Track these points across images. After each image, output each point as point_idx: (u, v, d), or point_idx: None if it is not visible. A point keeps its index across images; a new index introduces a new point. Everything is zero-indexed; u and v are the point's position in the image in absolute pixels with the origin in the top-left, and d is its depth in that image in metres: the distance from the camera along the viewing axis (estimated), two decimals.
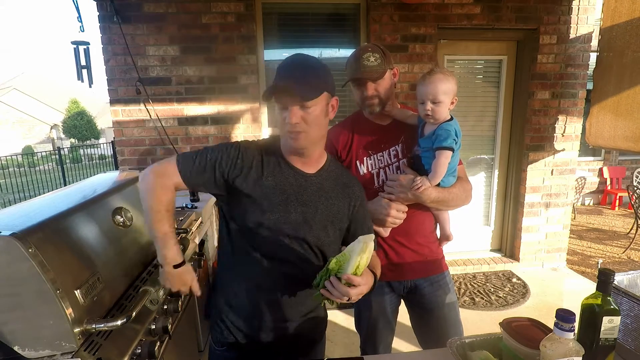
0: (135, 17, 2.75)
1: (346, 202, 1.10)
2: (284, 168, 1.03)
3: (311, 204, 1.03)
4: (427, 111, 1.25)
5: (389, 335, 1.52)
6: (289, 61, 0.98)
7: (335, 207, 1.07)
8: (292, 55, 0.99)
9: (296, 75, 0.95)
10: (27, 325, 0.93)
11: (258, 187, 0.99)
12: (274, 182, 1.01)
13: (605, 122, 2.84)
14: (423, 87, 1.26)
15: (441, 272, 1.45)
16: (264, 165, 1.01)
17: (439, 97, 1.23)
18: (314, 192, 1.04)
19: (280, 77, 0.96)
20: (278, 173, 1.02)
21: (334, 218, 1.07)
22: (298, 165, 1.04)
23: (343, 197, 1.09)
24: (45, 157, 11.99)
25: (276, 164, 1.03)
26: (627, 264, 3.89)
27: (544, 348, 0.74)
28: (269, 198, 0.99)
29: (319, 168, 1.07)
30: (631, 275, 1.05)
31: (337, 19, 3.12)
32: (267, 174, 1.01)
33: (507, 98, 3.48)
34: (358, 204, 1.12)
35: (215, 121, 2.96)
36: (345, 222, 1.11)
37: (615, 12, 2.71)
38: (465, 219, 3.64)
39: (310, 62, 0.98)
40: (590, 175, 6.52)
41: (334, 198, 1.07)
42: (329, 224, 1.06)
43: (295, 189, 1.02)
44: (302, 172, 1.04)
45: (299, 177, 1.03)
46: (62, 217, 1.10)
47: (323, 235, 1.05)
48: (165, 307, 1.36)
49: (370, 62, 1.28)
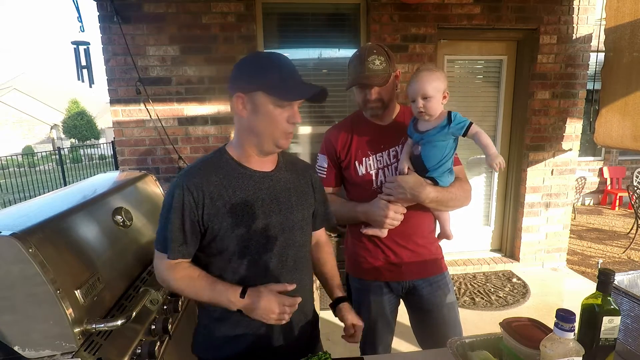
0: (135, 17, 2.75)
1: (309, 186, 1.12)
2: (247, 176, 0.98)
3: (285, 199, 1.02)
4: (419, 108, 1.24)
5: (388, 336, 1.52)
6: (287, 62, 0.97)
7: (304, 193, 1.08)
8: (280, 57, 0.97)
9: (301, 78, 0.97)
10: (27, 325, 0.93)
11: (230, 207, 0.94)
12: (243, 194, 0.96)
13: (613, 122, 2.85)
14: (412, 85, 1.26)
15: (440, 272, 1.44)
16: (225, 183, 0.95)
17: (429, 92, 1.22)
18: (283, 187, 1.03)
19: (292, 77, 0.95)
20: (243, 184, 0.97)
21: (306, 203, 1.08)
22: (257, 167, 1.01)
23: (305, 182, 1.11)
24: (45, 157, 11.98)
25: (237, 176, 0.97)
26: (627, 264, 3.89)
27: (544, 348, 0.74)
28: (246, 211, 0.95)
29: (276, 162, 1.06)
30: (631, 275, 1.05)
31: (337, 19, 3.12)
32: (233, 189, 0.96)
33: (507, 98, 3.48)
34: (317, 185, 1.15)
35: (215, 121, 2.96)
36: (313, 204, 1.13)
37: (618, 12, 2.72)
38: (466, 219, 3.64)
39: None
40: (590, 175, 6.52)
41: (300, 184, 1.08)
42: (306, 210, 1.08)
43: (265, 192, 0.99)
44: (265, 172, 1.02)
45: (265, 180, 1.01)
46: (62, 217, 1.11)
47: (304, 224, 1.07)
48: (165, 307, 1.36)
49: (376, 65, 1.26)
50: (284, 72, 0.94)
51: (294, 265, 1.04)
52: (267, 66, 0.94)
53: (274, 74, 0.93)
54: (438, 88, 1.23)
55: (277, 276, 1.00)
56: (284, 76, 0.93)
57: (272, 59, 0.96)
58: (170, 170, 2.99)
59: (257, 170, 1.01)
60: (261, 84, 0.92)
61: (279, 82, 0.92)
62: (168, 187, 0.97)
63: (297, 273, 1.04)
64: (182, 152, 2.96)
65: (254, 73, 0.94)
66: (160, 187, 1.81)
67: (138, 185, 1.64)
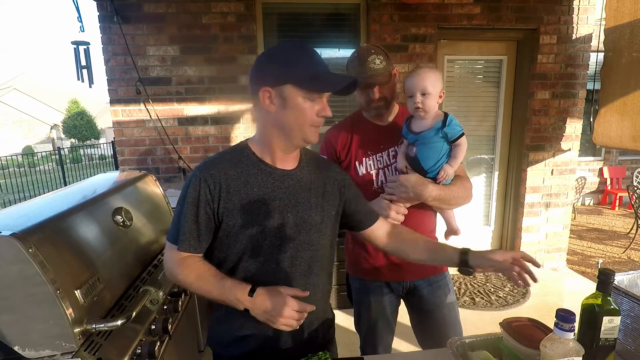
0: (135, 17, 2.75)
1: (334, 184, 1.06)
2: (267, 173, 0.96)
3: (304, 199, 0.98)
4: (417, 104, 1.25)
5: (389, 336, 1.52)
6: (315, 53, 0.94)
7: (327, 193, 1.03)
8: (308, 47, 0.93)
9: (329, 69, 0.93)
10: (27, 325, 0.93)
11: (247, 203, 0.92)
12: (261, 192, 0.94)
13: (612, 122, 2.85)
14: (411, 81, 1.26)
15: (440, 272, 1.44)
16: (244, 178, 0.93)
17: (428, 88, 1.24)
18: (303, 186, 0.99)
19: (321, 69, 0.91)
20: (263, 181, 0.94)
21: (328, 204, 1.03)
22: (279, 165, 0.98)
23: (329, 180, 1.05)
24: (45, 157, 11.98)
25: (257, 172, 0.95)
26: (627, 264, 3.89)
27: (544, 348, 0.74)
28: (263, 209, 0.93)
29: (298, 160, 1.03)
30: (631, 275, 1.05)
31: (337, 19, 3.11)
32: (252, 186, 0.93)
33: (507, 98, 3.48)
34: (345, 183, 1.09)
35: (215, 121, 2.96)
36: (340, 204, 1.07)
37: (618, 12, 2.72)
38: (466, 219, 3.64)
39: None
40: (590, 175, 6.52)
41: (322, 185, 1.03)
42: (326, 212, 1.02)
43: (284, 191, 0.96)
44: (286, 170, 0.98)
45: (285, 178, 0.97)
46: (62, 217, 1.11)
47: (323, 227, 1.02)
48: (165, 307, 1.36)
49: (377, 65, 1.27)
50: (314, 63, 0.90)
51: (309, 269, 1.00)
52: (296, 57, 0.90)
53: (303, 66, 0.89)
54: (436, 86, 1.25)
55: (288, 278, 0.97)
56: (314, 67, 0.90)
57: (301, 50, 0.92)
58: (170, 170, 2.99)
59: (277, 168, 0.98)
60: (290, 76, 0.88)
61: (309, 73, 0.89)
62: (187, 178, 0.96)
63: (311, 277, 1.00)
64: (182, 152, 2.96)
65: (283, 65, 0.90)
66: (160, 187, 1.81)
67: (138, 185, 1.64)
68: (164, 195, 1.81)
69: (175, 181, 3.00)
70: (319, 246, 1.01)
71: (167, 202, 1.82)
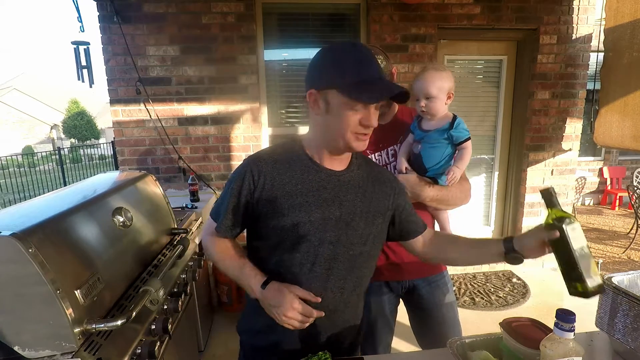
0: (135, 17, 2.74)
1: (384, 191, 1.03)
2: (314, 171, 0.95)
3: (349, 202, 0.96)
4: (422, 108, 1.26)
5: (388, 336, 1.52)
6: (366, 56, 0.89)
7: (375, 200, 1.01)
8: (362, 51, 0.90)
9: (381, 75, 0.90)
10: (27, 325, 0.93)
11: (288, 198, 0.92)
12: (305, 189, 0.93)
13: (613, 122, 2.85)
14: (417, 84, 1.26)
15: (439, 272, 1.44)
16: (290, 173, 0.94)
17: (433, 92, 1.23)
18: (350, 189, 0.97)
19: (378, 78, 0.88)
20: (308, 179, 0.94)
21: (375, 211, 1.00)
22: (327, 165, 0.97)
23: (379, 187, 1.03)
24: (45, 157, 11.98)
25: (304, 169, 0.95)
26: (627, 264, 3.89)
27: (544, 348, 0.74)
28: (304, 206, 0.92)
29: (349, 163, 1.01)
30: (631, 275, 1.05)
31: (337, 19, 3.11)
32: (297, 181, 0.93)
33: (507, 98, 3.48)
34: (397, 191, 1.07)
35: (215, 121, 2.96)
36: (388, 212, 1.04)
37: (618, 12, 2.72)
38: (466, 219, 3.64)
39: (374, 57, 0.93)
40: (590, 175, 6.52)
41: (370, 191, 1.01)
42: (371, 218, 0.99)
43: (330, 191, 0.95)
44: (333, 171, 0.97)
45: (332, 178, 0.96)
46: (62, 217, 1.11)
47: (367, 232, 0.99)
48: (165, 307, 1.36)
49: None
50: (362, 68, 0.87)
51: (345, 272, 0.98)
52: (344, 61, 0.88)
53: (349, 71, 0.87)
54: (442, 89, 1.24)
55: (323, 278, 0.95)
56: (361, 74, 0.87)
57: (351, 53, 0.89)
58: (170, 170, 2.99)
59: (325, 167, 0.97)
60: (335, 81, 0.87)
61: (354, 80, 0.86)
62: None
63: (347, 280, 0.98)
64: (182, 152, 2.96)
65: (329, 68, 0.89)
66: (160, 187, 1.81)
67: (138, 185, 1.64)
68: (164, 195, 1.81)
69: (175, 181, 3.00)
70: (360, 251, 0.99)
71: (167, 202, 1.82)
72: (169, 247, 1.67)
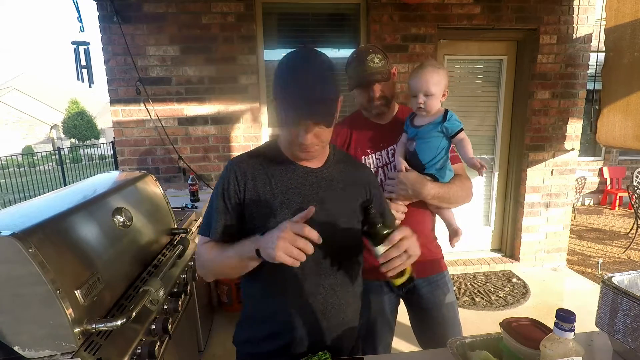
0: (135, 17, 2.75)
1: (360, 185, 1.05)
2: (291, 169, 0.97)
3: (328, 198, 0.97)
4: (420, 104, 1.27)
5: (388, 335, 1.52)
6: (302, 70, 0.86)
7: (353, 194, 1.02)
8: (303, 59, 0.87)
9: (315, 93, 0.84)
10: (27, 325, 0.93)
11: (270, 196, 0.94)
12: (284, 187, 0.95)
13: (615, 122, 2.85)
14: (415, 81, 1.27)
15: (440, 272, 1.44)
16: (269, 174, 0.96)
17: (431, 89, 1.25)
18: (328, 186, 0.99)
19: (297, 93, 0.84)
20: (286, 177, 0.96)
21: (354, 205, 1.02)
22: (304, 163, 0.99)
23: (356, 181, 1.05)
24: (45, 157, 11.99)
25: (282, 168, 0.97)
26: (627, 264, 3.89)
27: (544, 348, 0.74)
28: (286, 204, 0.94)
29: (325, 159, 1.02)
30: (631, 275, 1.05)
31: (337, 19, 3.12)
32: (276, 180, 0.95)
33: (507, 98, 3.48)
34: (372, 186, 1.08)
35: (215, 121, 2.96)
36: (364, 205, 1.04)
37: (619, 12, 2.72)
38: (466, 219, 3.64)
39: (325, 69, 0.87)
40: (590, 175, 6.52)
41: (349, 185, 1.02)
42: (352, 213, 1.01)
43: (308, 188, 0.97)
44: (311, 168, 0.99)
45: (309, 175, 0.98)
46: (62, 217, 1.11)
47: (350, 227, 1.00)
48: (165, 307, 1.36)
49: (376, 63, 1.28)
50: (288, 86, 0.85)
51: (332, 267, 0.98)
52: (281, 77, 0.87)
53: (282, 89, 0.87)
54: (440, 86, 1.26)
55: (312, 275, 0.95)
56: (289, 93, 0.85)
57: (288, 70, 0.87)
58: (170, 170, 2.99)
59: (301, 165, 0.98)
60: (275, 95, 0.89)
61: (283, 99, 0.86)
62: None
63: (337, 275, 0.99)
64: (182, 152, 2.96)
65: (274, 81, 0.89)
66: (160, 187, 1.81)
67: (138, 185, 1.64)
68: (164, 195, 1.81)
69: (175, 181, 3.00)
70: (345, 244, 1.00)
71: (167, 202, 1.82)
72: (169, 247, 1.67)
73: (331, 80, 0.88)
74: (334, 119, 0.89)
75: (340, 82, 0.91)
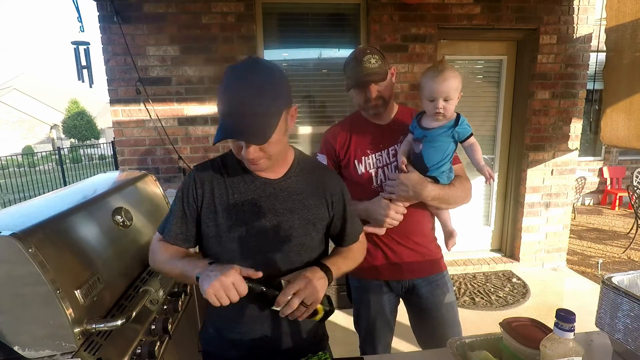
0: (135, 17, 2.75)
1: (322, 197, 1.02)
2: (249, 180, 0.96)
3: (286, 211, 0.96)
4: (439, 109, 1.23)
5: (388, 335, 1.52)
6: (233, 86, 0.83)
7: (313, 207, 0.99)
8: (239, 74, 0.84)
9: (242, 110, 0.81)
10: (27, 325, 0.93)
11: (226, 208, 0.94)
12: (241, 198, 0.94)
13: (619, 122, 2.85)
14: (435, 85, 1.21)
15: (439, 271, 1.44)
16: (227, 184, 0.96)
17: (451, 94, 1.21)
18: (286, 198, 0.97)
19: (226, 110, 0.82)
20: (244, 188, 0.95)
21: (314, 219, 0.99)
22: (263, 174, 0.97)
23: (318, 193, 1.01)
24: (45, 157, 11.99)
25: (240, 179, 0.96)
26: (627, 264, 3.89)
27: (544, 348, 0.74)
28: (241, 215, 0.94)
29: (287, 170, 1.00)
30: (631, 275, 1.05)
31: (337, 19, 3.12)
32: (233, 191, 0.95)
33: (507, 98, 3.48)
34: (336, 197, 1.04)
35: (215, 121, 2.95)
36: (326, 219, 1.03)
37: (619, 12, 2.72)
38: (466, 219, 3.64)
39: (263, 82, 0.83)
40: (590, 175, 6.52)
41: (310, 197, 0.99)
42: (311, 227, 0.99)
43: (265, 200, 0.95)
44: (269, 179, 0.97)
45: (267, 186, 0.97)
46: (62, 217, 1.11)
47: (307, 240, 0.99)
48: (165, 307, 1.36)
49: (372, 64, 1.28)
50: (221, 101, 0.84)
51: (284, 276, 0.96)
52: (218, 91, 0.85)
53: (218, 104, 0.86)
54: (458, 91, 1.24)
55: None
56: (220, 109, 0.84)
57: (223, 84, 0.85)
58: (170, 170, 2.99)
59: (259, 176, 0.97)
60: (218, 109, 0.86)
61: (219, 114, 0.84)
62: None
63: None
64: (182, 152, 2.96)
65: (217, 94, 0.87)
66: (160, 187, 1.81)
67: (138, 185, 1.64)
68: (164, 195, 1.81)
69: (175, 181, 3.00)
70: (299, 258, 0.99)
71: (167, 202, 1.82)
72: None
73: (268, 95, 0.83)
74: (270, 134, 0.83)
75: (287, 93, 0.88)
